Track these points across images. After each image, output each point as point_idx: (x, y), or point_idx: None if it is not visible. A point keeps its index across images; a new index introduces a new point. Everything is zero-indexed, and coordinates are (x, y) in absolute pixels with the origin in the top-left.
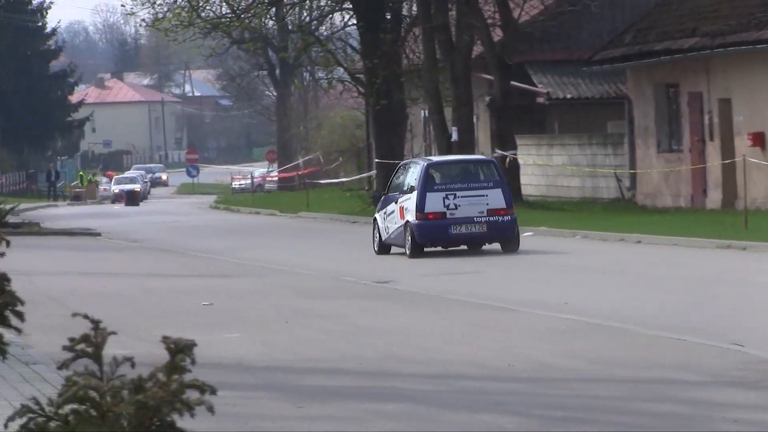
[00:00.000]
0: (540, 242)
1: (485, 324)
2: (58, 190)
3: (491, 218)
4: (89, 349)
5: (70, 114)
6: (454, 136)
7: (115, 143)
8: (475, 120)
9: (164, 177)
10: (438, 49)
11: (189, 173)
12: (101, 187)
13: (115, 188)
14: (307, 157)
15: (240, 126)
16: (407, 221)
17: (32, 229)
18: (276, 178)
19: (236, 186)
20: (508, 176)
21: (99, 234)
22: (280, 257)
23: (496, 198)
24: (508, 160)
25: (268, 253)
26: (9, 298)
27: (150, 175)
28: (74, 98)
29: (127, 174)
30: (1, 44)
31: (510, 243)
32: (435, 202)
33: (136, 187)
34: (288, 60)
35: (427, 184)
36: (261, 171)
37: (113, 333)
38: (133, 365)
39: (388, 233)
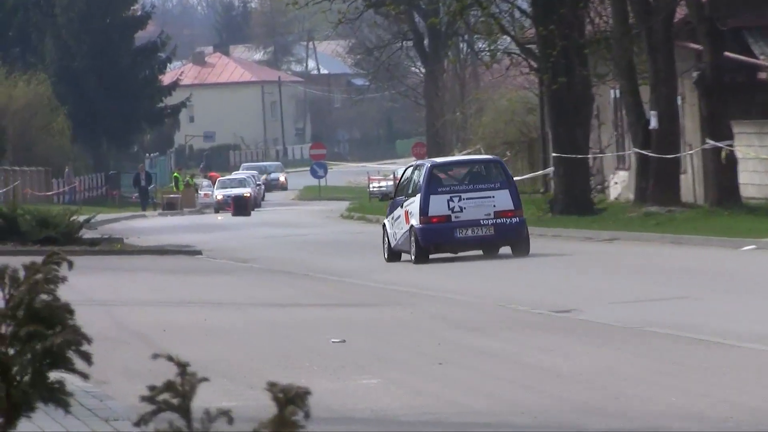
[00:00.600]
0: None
1: (697, 364)
2: (150, 195)
3: (498, 220)
4: (174, 401)
5: (162, 99)
6: (653, 123)
7: (219, 136)
8: (679, 102)
9: (282, 178)
10: (631, 11)
11: (314, 173)
12: (201, 192)
13: (219, 193)
14: (465, 152)
15: (379, 112)
16: (412, 225)
17: (113, 246)
18: None
19: (374, 189)
20: (723, 172)
21: (199, 252)
22: (431, 280)
23: (503, 199)
24: (723, 153)
25: (416, 274)
26: (72, 335)
27: (264, 177)
28: (166, 79)
29: (234, 175)
30: (71, 11)
31: (519, 246)
32: (439, 204)
33: (246, 191)
34: (439, 27)
35: (430, 186)
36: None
37: (204, 379)
38: (230, 420)
39: (396, 239)
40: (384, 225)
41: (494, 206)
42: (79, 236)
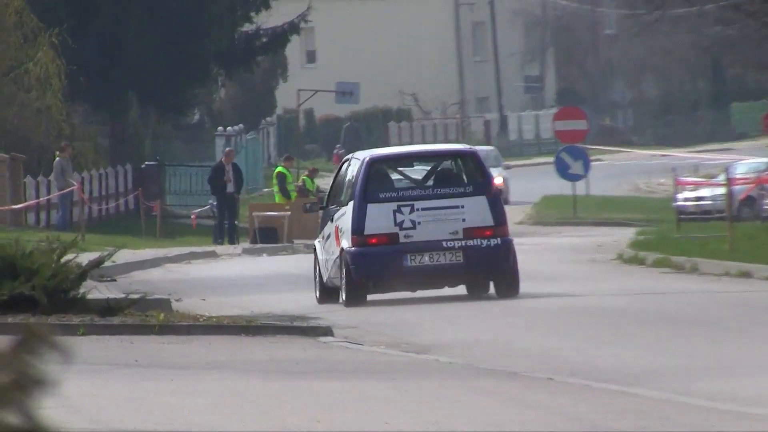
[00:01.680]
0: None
1: None
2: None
3: (469, 242)
4: None
5: (250, 17)
6: None
7: (368, 92)
8: None
9: (498, 179)
10: None
11: (563, 169)
12: None
13: None
14: None
15: (693, 47)
16: (342, 249)
17: (151, 316)
18: None
19: (686, 203)
20: None
21: (327, 331)
22: None
23: (477, 210)
24: None
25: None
26: None
27: None
28: None
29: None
30: None
31: (503, 280)
32: (381, 217)
33: None
34: None
35: (368, 190)
36: (751, 166)
37: None
38: None
39: (328, 269)
40: (314, 248)
41: (464, 220)
42: (80, 295)
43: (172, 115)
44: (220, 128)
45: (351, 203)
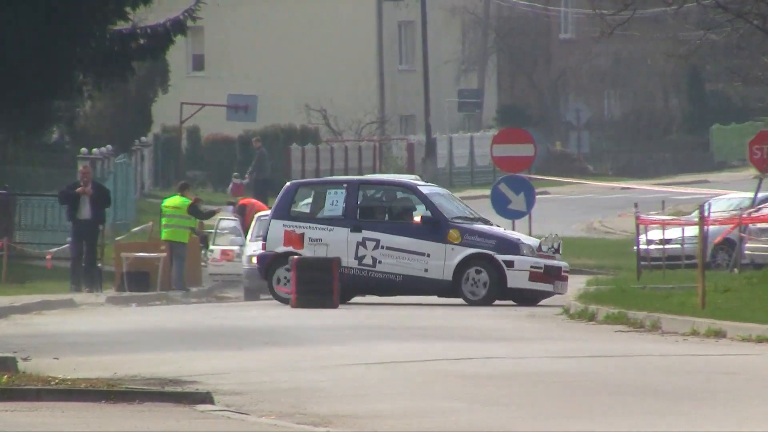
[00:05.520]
0: None
1: None
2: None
3: None
4: None
5: (125, 11)
6: None
7: (267, 109)
8: None
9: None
10: None
11: (500, 203)
12: (215, 247)
13: (258, 248)
14: None
15: (662, 60)
16: None
17: None
18: None
19: (649, 246)
20: None
21: (206, 398)
22: None
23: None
24: None
25: None
26: None
27: None
28: None
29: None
30: None
31: None
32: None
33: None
34: None
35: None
36: (731, 202)
37: None
38: None
39: None
40: None
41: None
42: None
43: (24, 134)
44: (83, 150)
45: None
